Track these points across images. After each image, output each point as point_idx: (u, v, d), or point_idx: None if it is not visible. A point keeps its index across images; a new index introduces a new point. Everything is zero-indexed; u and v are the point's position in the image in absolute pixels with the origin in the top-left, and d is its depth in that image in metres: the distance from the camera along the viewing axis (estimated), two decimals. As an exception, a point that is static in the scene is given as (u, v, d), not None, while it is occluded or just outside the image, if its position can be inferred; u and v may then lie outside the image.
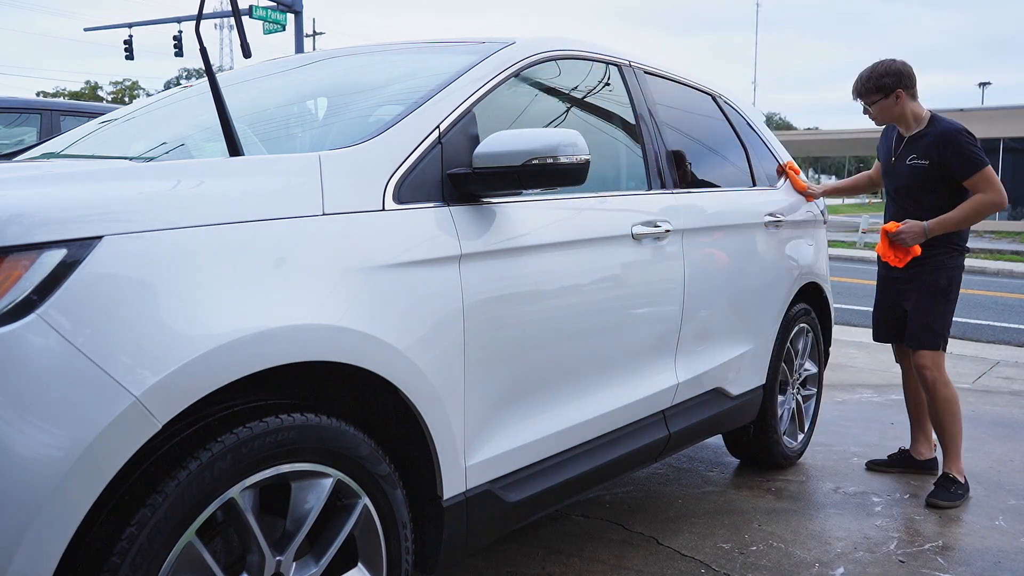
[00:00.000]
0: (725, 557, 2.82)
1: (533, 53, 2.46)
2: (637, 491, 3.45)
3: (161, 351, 1.36)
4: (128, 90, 64.15)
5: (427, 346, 1.84)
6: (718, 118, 3.57)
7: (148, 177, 1.58)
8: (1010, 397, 5.39)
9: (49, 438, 1.25)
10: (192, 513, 1.42)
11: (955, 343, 7.50)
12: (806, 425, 3.95)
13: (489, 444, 2.05)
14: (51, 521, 1.24)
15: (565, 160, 1.99)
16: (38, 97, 20.77)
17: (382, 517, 1.78)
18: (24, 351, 1.25)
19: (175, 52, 21.49)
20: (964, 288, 3.74)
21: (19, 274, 1.27)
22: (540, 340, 2.20)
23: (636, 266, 2.58)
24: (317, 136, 2.39)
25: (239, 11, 2.01)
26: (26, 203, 1.33)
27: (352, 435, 1.69)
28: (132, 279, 1.37)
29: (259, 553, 1.55)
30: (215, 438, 1.47)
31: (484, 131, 2.12)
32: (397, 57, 2.77)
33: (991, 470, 3.85)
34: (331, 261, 1.68)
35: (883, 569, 2.77)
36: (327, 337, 1.62)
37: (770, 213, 3.49)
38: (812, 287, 3.85)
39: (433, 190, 1.97)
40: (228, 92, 1.93)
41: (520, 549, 2.83)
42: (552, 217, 2.28)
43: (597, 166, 2.46)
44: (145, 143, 2.46)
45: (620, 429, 2.56)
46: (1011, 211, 29.31)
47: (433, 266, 1.89)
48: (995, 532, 3.12)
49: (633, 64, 2.97)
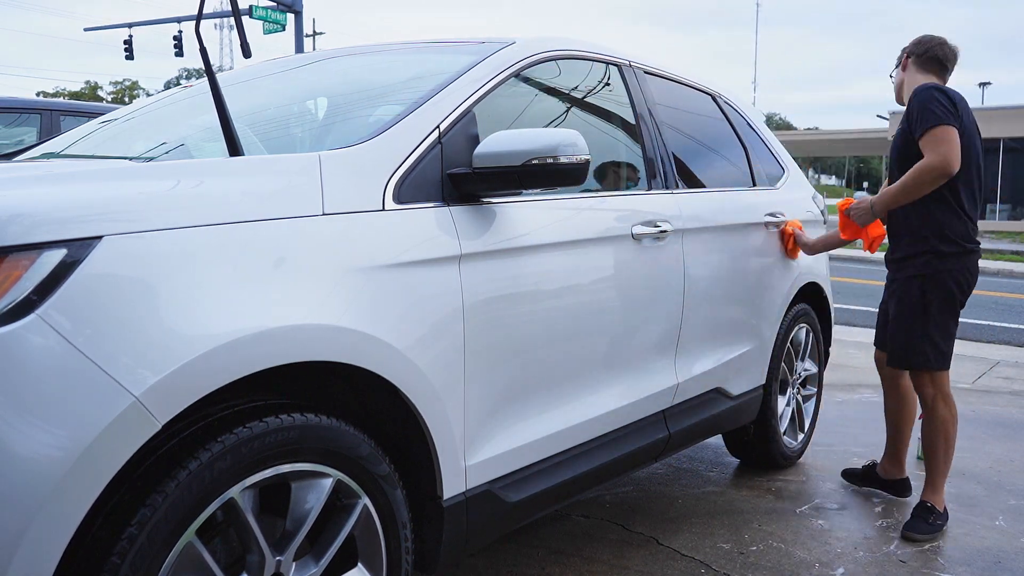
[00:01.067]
0: (725, 557, 2.82)
1: (533, 53, 2.46)
2: (637, 491, 3.45)
3: (161, 351, 1.36)
4: (128, 90, 64.16)
5: (427, 346, 1.84)
6: (718, 118, 3.57)
7: (148, 177, 1.58)
8: (1010, 397, 5.39)
9: (49, 438, 1.25)
10: (192, 513, 1.42)
11: (955, 343, 7.50)
12: (806, 425, 3.95)
13: (489, 444, 2.05)
14: (51, 521, 1.24)
15: (565, 160, 1.99)
16: (38, 97, 20.77)
17: (382, 517, 1.78)
18: (24, 351, 1.25)
19: (175, 52, 21.49)
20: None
21: (19, 274, 1.27)
22: (540, 340, 2.20)
23: (636, 266, 2.58)
24: (317, 136, 2.39)
25: (239, 11, 2.01)
26: (26, 203, 1.33)
27: (352, 435, 1.69)
28: (132, 279, 1.37)
29: (259, 553, 1.55)
30: (215, 438, 1.47)
31: (484, 131, 2.12)
32: (397, 57, 2.77)
33: (991, 470, 3.85)
34: (331, 261, 1.68)
35: (883, 569, 2.77)
36: (327, 337, 1.62)
37: (770, 213, 3.49)
38: (812, 287, 3.84)
39: (433, 190, 1.97)
40: (228, 92, 1.93)
41: (520, 549, 2.83)
42: (552, 217, 2.28)
43: (597, 166, 2.47)
44: (145, 143, 2.46)
45: (620, 429, 2.56)
46: (1011, 211, 29.30)
47: (433, 266, 1.89)
48: (995, 532, 3.12)
49: (633, 64, 2.97)
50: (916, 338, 3.03)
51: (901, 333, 3.08)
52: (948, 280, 2.99)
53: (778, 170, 3.87)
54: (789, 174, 3.94)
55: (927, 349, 3.03)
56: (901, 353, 3.10)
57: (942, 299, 3.00)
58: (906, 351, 3.07)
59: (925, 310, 3.01)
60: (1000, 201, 29.42)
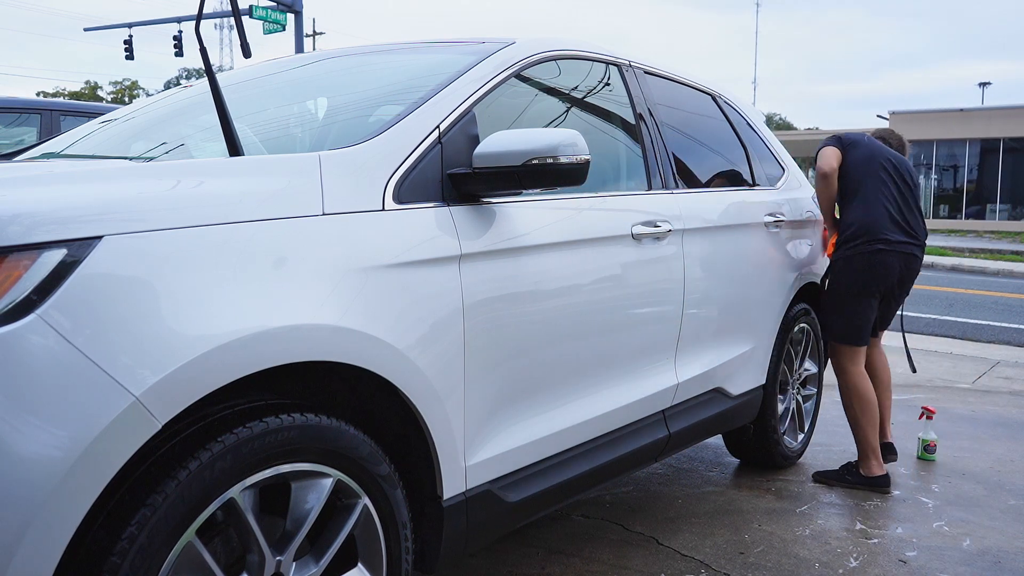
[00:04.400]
0: (725, 557, 2.82)
1: (533, 53, 2.46)
2: (637, 491, 3.45)
3: (161, 351, 1.36)
4: (128, 90, 64.16)
5: (427, 346, 1.84)
6: (718, 118, 3.57)
7: (148, 177, 1.58)
8: (1010, 397, 5.39)
9: (49, 438, 1.24)
10: (192, 513, 1.42)
11: (955, 343, 7.52)
12: (806, 425, 3.95)
13: (489, 444, 2.05)
14: (51, 521, 1.24)
15: (565, 160, 1.99)
16: (38, 97, 20.77)
17: (382, 517, 1.78)
18: (24, 351, 1.24)
19: (175, 52, 21.49)
20: (965, 288, 3.73)
21: (19, 274, 1.27)
22: (540, 340, 2.20)
23: (636, 266, 2.58)
24: (317, 136, 2.39)
25: (239, 11, 2.01)
26: (26, 203, 1.33)
27: (352, 435, 1.69)
28: (132, 279, 1.37)
29: (259, 553, 1.55)
30: (215, 438, 1.47)
31: (484, 131, 2.12)
32: (397, 57, 2.77)
33: (991, 470, 3.86)
34: (331, 261, 1.68)
35: (883, 569, 2.77)
36: (327, 337, 1.62)
37: (770, 213, 3.49)
38: (812, 287, 3.85)
39: (433, 190, 1.97)
40: (228, 92, 1.93)
41: (520, 549, 2.83)
42: (552, 217, 2.28)
43: (597, 166, 2.47)
44: (145, 143, 2.46)
45: (620, 429, 2.56)
46: (1011, 211, 29.29)
47: (433, 266, 1.89)
48: (995, 532, 3.12)
49: (633, 64, 2.97)
50: (824, 314, 3.82)
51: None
52: (841, 266, 3.63)
53: (778, 170, 3.87)
54: (789, 174, 3.94)
55: (826, 323, 3.82)
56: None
57: (838, 281, 3.66)
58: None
59: (828, 289, 3.77)
60: (1000, 201, 29.43)
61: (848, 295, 3.56)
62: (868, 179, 3.57)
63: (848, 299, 3.57)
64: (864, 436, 3.62)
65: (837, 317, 3.63)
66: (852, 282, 3.54)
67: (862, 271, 3.52)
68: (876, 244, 3.50)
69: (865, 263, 3.51)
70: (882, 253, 3.50)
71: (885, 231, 3.50)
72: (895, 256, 3.51)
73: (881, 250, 3.50)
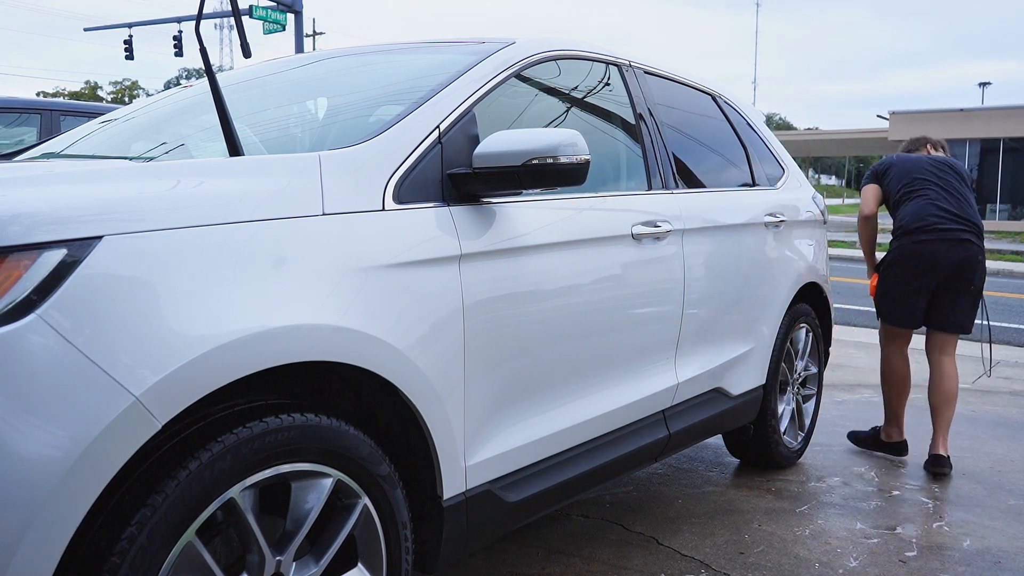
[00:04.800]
0: (725, 557, 2.82)
1: (533, 53, 2.46)
2: (637, 491, 3.45)
3: (161, 351, 1.36)
4: (128, 90, 64.17)
5: (427, 346, 1.84)
6: (718, 118, 3.57)
7: (148, 177, 1.58)
8: (1010, 397, 5.39)
9: (49, 438, 1.24)
10: (192, 513, 1.42)
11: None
12: (806, 425, 3.95)
13: (489, 444, 2.05)
14: (51, 521, 1.24)
15: (565, 160, 1.99)
16: (38, 97, 20.77)
17: (382, 517, 1.78)
18: (24, 351, 1.25)
19: (175, 52, 21.49)
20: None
21: (19, 274, 1.27)
22: (540, 340, 2.20)
23: (636, 266, 2.58)
24: (317, 136, 2.39)
25: (239, 11, 2.01)
26: (26, 203, 1.33)
27: (352, 435, 1.69)
28: (132, 279, 1.37)
29: (259, 553, 1.55)
30: (215, 438, 1.47)
31: (484, 131, 2.12)
32: (397, 57, 2.77)
33: (991, 470, 3.86)
34: (331, 261, 1.68)
35: (883, 569, 2.77)
36: (327, 337, 1.62)
37: (770, 213, 3.49)
38: (812, 287, 3.85)
39: (433, 190, 1.97)
40: (228, 92, 1.93)
41: (520, 549, 2.83)
42: (552, 217, 2.28)
43: (597, 166, 2.47)
44: (145, 143, 2.46)
45: (620, 429, 2.56)
46: (1011, 211, 29.29)
47: (433, 266, 1.89)
48: (995, 532, 3.12)
49: (633, 64, 2.97)
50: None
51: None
52: (889, 256, 3.93)
53: (778, 170, 3.87)
54: (789, 174, 3.94)
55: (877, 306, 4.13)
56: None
57: (889, 270, 3.93)
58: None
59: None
60: (1000, 201, 29.42)
61: (897, 281, 3.84)
62: (907, 190, 3.86)
63: (896, 284, 3.85)
64: (889, 404, 4.00)
65: (886, 300, 3.92)
66: (901, 270, 3.81)
67: (909, 259, 3.77)
68: (921, 235, 3.73)
69: (911, 251, 3.76)
70: (928, 243, 3.72)
71: (931, 220, 3.72)
72: (943, 244, 3.70)
73: (926, 240, 3.72)
